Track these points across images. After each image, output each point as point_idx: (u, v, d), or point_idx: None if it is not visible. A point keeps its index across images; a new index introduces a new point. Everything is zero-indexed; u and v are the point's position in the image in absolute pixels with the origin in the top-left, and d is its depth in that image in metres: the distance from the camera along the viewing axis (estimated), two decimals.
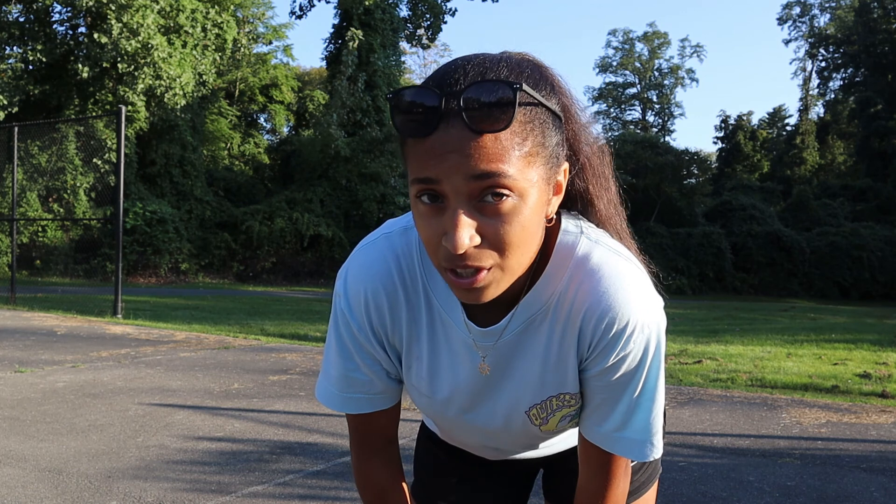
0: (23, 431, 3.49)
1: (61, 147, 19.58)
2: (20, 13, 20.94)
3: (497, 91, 0.69)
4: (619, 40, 54.13)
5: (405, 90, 0.72)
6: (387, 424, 1.00)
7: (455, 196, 0.71)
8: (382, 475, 1.01)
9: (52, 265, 19.56)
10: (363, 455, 1.01)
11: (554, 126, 0.76)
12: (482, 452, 1.10)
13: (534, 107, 0.73)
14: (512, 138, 0.70)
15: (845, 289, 31.65)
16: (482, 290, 0.76)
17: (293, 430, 3.67)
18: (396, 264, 0.89)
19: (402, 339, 0.93)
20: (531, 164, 0.72)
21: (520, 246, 0.74)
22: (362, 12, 25.28)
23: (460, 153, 0.70)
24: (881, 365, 6.23)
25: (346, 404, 0.96)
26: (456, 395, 0.95)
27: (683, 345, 7.60)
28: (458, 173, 0.70)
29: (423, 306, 0.90)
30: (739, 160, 47.40)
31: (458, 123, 0.70)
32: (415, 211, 0.76)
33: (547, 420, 0.95)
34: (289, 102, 34.30)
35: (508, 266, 0.75)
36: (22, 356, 5.74)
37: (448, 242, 0.71)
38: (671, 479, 2.98)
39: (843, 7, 48.66)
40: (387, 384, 0.96)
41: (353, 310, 0.91)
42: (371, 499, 1.02)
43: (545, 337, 0.89)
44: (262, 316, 10.54)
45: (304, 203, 24.07)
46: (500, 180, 0.70)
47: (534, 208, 0.74)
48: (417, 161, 0.72)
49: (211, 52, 23.21)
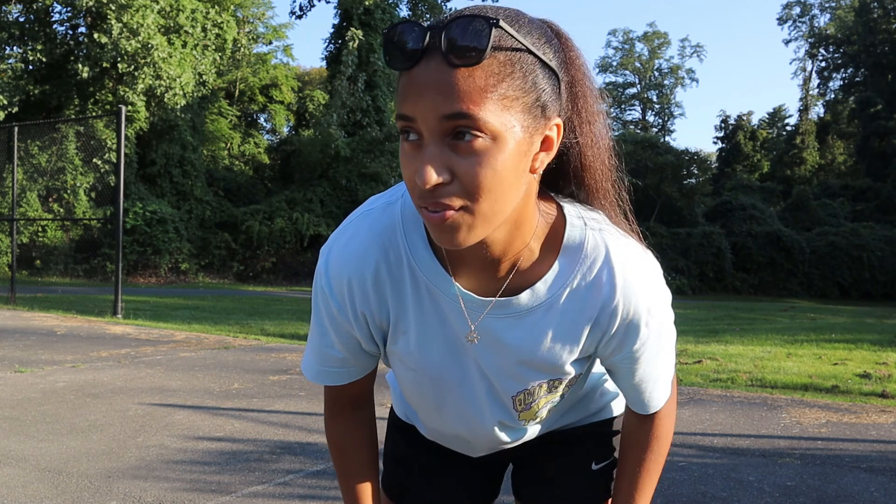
0: (23, 431, 3.49)
1: (61, 147, 19.57)
2: (20, 13, 20.95)
3: (475, 25, 0.70)
4: (619, 40, 54.18)
5: (396, 25, 0.73)
6: (357, 392, 1.04)
7: (429, 134, 0.72)
8: (344, 433, 1.05)
9: (52, 265, 19.56)
10: (331, 413, 1.06)
11: (543, 76, 0.74)
12: (453, 445, 1.10)
13: (520, 52, 0.72)
14: (487, 78, 0.70)
15: (845, 289, 31.63)
16: (452, 231, 0.75)
17: (293, 430, 3.67)
18: (378, 241, 0.90)
19: (388, 317, 0.93)
20: (508, 109, 0.72)
21: (491, 190, 0.73)
22: (362, 12, 25.28)
23: (435, 89, 0.70)
24: (881, 365, 6.23)
25: (321, 377, 1.01)
26: (444, 366, 0.95)
27: (683, 345, 7.60)
28: (431, 111, 0.71)
29: (407, 280, 0.90)
30: (739, 160, 47.39)
31: (438, 57, 0.70)
32: (401, 150, 0.77)
33: (529, 406, 0.97)
34: (289, 102, 34.31)
35: (479, 211, 0.74)
36: (22, 356, 5.73)
37: (419, 178, 0.72)
38: (671, 479, 2.98)
39: (843, 7, 48.66)
40: (361, 360, 0.99)
41: (333, 290, 0.92)
42: (333, 451, 1.08)
43: (547, 327, 0.89)
44: (262, 316, 10.54)
45: (304, 203, 24.06)
46: (472, 122, 0.70)
47: (511, 155, 0.73)
48: (400, 96, 0.74)
49: (211, 52, 23.21)
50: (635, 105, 54.51)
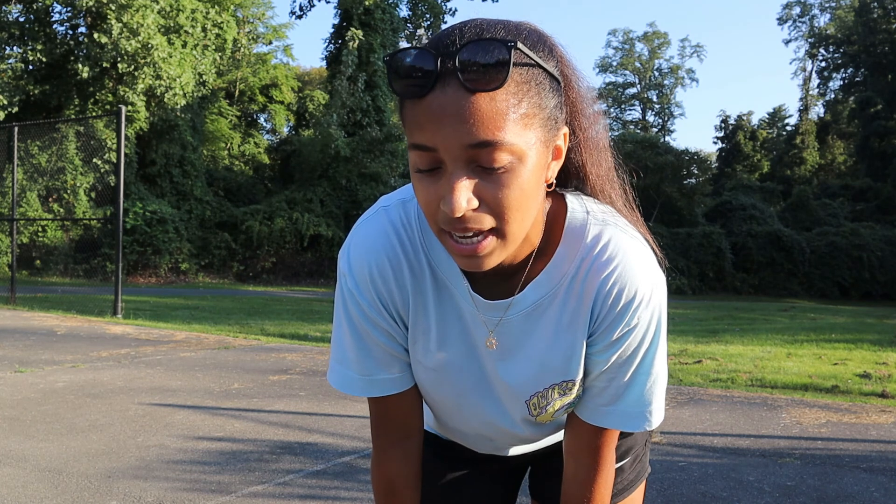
0: (23, 431, 3.49)
1: (61, 147, 19.57)
2: (20, 13, 20.94)
3: (492, 49, 0.68)
4: (619, 40, 54.19)
5: (401, 52, 0.71)
6: (407, 413, 0.98)
7: (452, 163, 0.71)
8: (395, 469, 0.99)
9: (52, 265, 19.56)
10: (381, 445, 0.99)
11: (552, 89, 0.75)
12: (476, 444, 1.09)
13: (530, 67, 0.72)
14: (508, 99, 0.69)
15: (845, 289, 31.64)
16: (483, 257, 0.75)
17: (293, 430, 3.67)
18: (398, 236, 0.89)
19: (408, 311, 0.91)
20: (528, 126, 0.72)
21: (519, 209, 0.73)
22: (362, 12, 25.28)
23: (456, 116, 0.69)
24: (881, 365, 6.23)
25: (369, 387, 0.94)
26: (463, 368, 0.94)
27: (683, 345, 7.60)
28: (455, 141, 0.69)
29: (427, 277, 0.89)
30: (739, 160, 47.39)
31: (454, 83, 0.69)
32: (413, 175, 0.75)
33: (545, 409, 0.95)
34: (289, 102, 34.30)
35: (509, 231, 0.74)
36: (22, 356, 5.73)
37: (446, 206, 0.71)
38: (671, 479, 2.98)
39: (843, 7, 48.66)
40: (406, 360, 0.95)
41: (360, 286, 0.89)
42: (381, 491, 1.00)
43: (553, 321, 0.89)
44: (262, 316, 10.54)
45: (304, 203, 24.07)
46: (498, 147, 0.70)
47: (533, 171, 0.73)
48: (415, 125, 0.72)
49: (211, 52, 23.21)
50: (635, 105, 54.52)
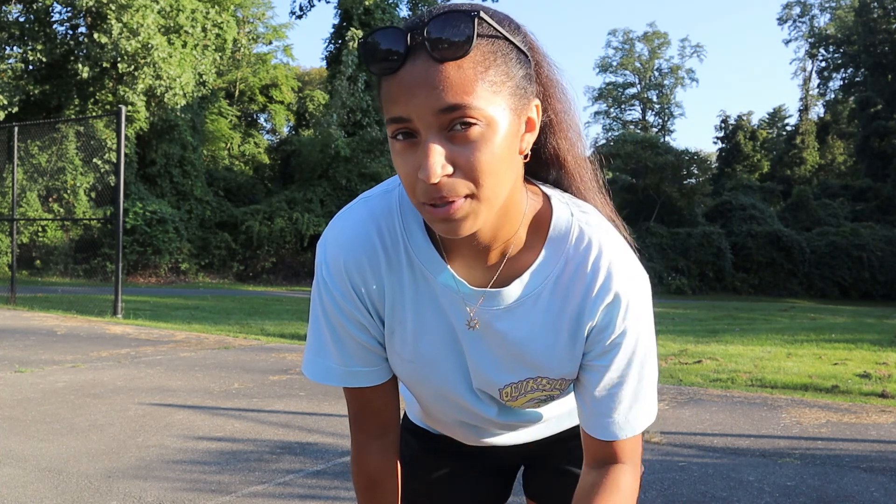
0: (23, 431, 3.49)
1: (61, 147, 19.58)
2: (20, 13, 20.94)
3: (457, 21, 0.72)
4: (619, 40, 54.14)
5: (373, 33, 0.75)
6: (385, 407, 0.99)
7: (426, 130, 0.74)
8: (376, 463, 1.00)
9: (52, 265, 19.56)
10: (360, 441, 1.00)
11: (519, 60, 0.78)
12: (460, 432, 1.09)
13: (496, 39, 0.75)
14: (475, 67, 0.73)
15: (845, 289, 31.65)
16: (460, 221, 0.77)
17: (293, 430, 3.67)
18: (376, 226, 0.90)
19: (384, 302, 0.92)
20: (497, 93, 0.75)
21: (492, 173, 0.76)
22: (362, 12, 25.30)
23: (426, 86, 0.72)
24: (881, 365, 6.23)
25: (347, 378, 0.95)
26: (440, 358, 0.94)
27: (683, 345, 7.60)
28: (426, 107, 0.72)
29: (404, 266, 0.91)
30: (739, 160, 47.39)
31: (423, 55, 0.73)
32: (392, 151, 0.78)
33: (516, 399, 0.97)
34: (289, 102, 34.31)
35: (484, 196, 0.76)
36: (22, 356, 5.73)
37: (422, 173, 0.73)
38: (671, 479, 2.98)
39: (843, 7, 48.65)
40: (381, 354, 0.96)
41: (335, 277, 0.90)
42: (362, 485, 1.02)
43: (535, 319, 0.90)
44: (262, 316, 10.54)
45: (304, 203, 24.07)
46: (467, 111, 0.73)
47: (505, 137, 0.76)
48: (389, 99, 0.75)
49: (211, 52, 23.22)
50: (635, 105, 54.49)
